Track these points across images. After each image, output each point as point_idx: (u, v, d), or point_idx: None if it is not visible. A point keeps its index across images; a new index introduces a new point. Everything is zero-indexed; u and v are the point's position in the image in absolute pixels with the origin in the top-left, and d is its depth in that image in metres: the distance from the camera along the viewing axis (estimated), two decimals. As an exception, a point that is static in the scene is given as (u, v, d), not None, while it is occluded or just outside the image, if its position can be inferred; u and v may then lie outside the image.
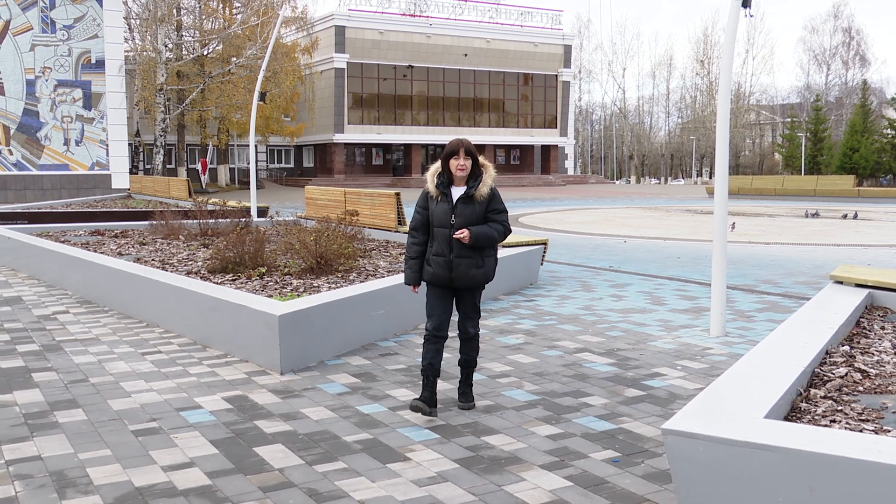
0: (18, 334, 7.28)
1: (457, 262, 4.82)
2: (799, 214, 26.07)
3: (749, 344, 6.84)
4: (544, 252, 10.93)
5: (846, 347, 4.93)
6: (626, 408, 5.12)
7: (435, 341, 4.89)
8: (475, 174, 4.86)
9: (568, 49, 64.58)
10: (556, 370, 6.04)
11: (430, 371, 4.87)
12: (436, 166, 4.93)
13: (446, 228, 4.84)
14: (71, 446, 4.37)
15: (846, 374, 4.32)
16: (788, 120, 74.87)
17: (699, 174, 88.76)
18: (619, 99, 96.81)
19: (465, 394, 5.14)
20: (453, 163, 4.81)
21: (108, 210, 21.37)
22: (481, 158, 4.88)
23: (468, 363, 5.12)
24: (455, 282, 4.88)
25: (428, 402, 4.83)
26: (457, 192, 4.86)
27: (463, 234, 4.74)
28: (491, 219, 4.89)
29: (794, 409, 3.72)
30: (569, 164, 69.37)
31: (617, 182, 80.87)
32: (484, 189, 4.82)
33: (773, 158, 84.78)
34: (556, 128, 64.91)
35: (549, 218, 25.59)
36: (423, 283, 5.04)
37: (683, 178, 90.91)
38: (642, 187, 64.97)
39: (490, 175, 4.86)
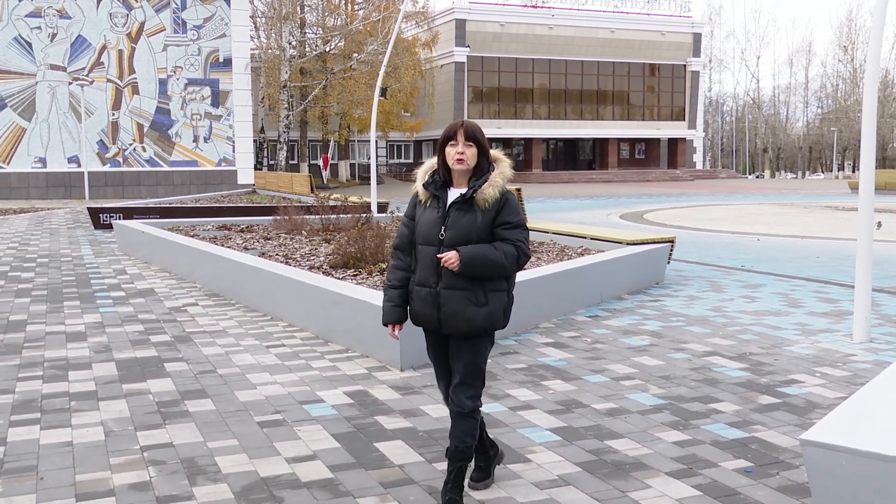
0: (151, 325, 7.62)
1: (445, 296, 3.35)
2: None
3: (896, 350, 6.39)
4: (671, 250, 10.57)
5: None
6: (760, 416, 4.84)
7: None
8: (481, 170, 3.43)
9: (697, 37, 62.71)
10: (684, 374, 5.80)
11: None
12: (431, 162, 3.55)
13: (432, 246, 3.39)
14: (200, 435, 4.50)
15: None
16: (940, 109, 70.17)
17: (840, 168, 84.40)
18: (753, 89, 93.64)
19: (454, 501, 3.46)
20: (450, 151, 3.39)
21: (235, 205, 22.19)
22: (494, 151, 3.48)
23: (459, 455, 3.46)
24: (444, 325, 3.41)
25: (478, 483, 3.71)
26: (454, 195, 3.44)
27: (450, 258, 3.28)
28: (500, 235, 3.37)
29: (951, 425, 3.41)
30: (697, 157, 67.35)
31: (749, 176, 77.96)
32: (490, 191, 3.35)
33: (923, 151, 79.70)
34: (683, 120, 63.14)
35: (675, 214, 24.87)
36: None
37: (823, 172, 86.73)
38: (777, 182, 62.37)
39: (502, 173, 3.41)
